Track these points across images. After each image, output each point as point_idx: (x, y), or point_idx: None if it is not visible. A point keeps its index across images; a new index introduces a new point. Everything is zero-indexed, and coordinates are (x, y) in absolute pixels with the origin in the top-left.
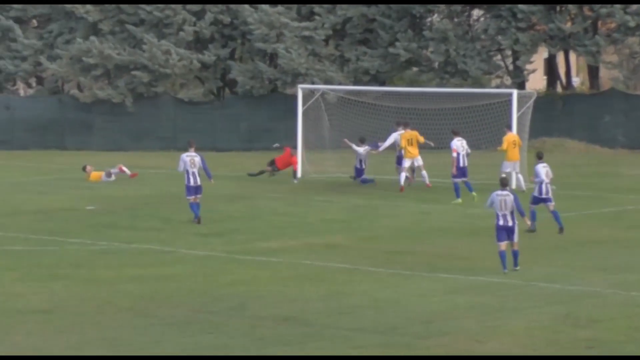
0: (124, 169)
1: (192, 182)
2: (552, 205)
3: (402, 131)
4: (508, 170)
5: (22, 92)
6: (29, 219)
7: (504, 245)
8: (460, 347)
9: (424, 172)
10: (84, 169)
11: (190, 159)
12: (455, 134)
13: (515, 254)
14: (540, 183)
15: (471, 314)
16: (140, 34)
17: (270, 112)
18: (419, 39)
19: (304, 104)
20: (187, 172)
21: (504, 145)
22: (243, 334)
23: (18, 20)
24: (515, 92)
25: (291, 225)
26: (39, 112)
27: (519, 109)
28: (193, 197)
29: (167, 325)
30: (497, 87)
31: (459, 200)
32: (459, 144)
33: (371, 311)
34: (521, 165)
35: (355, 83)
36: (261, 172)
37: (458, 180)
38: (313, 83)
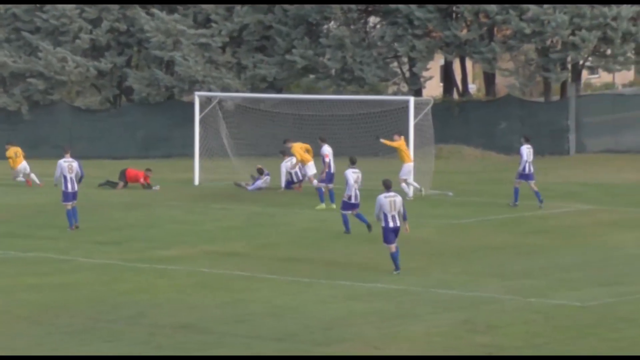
0: (35, 179)
1: (69, 188)
2: (357, 210)
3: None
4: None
5: None
6: None
7: (394, 246)
8: (359, 353)
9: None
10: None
11: (68, 164)
12: (323, 140)
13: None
14: (351, 188)
15: (370, 320)
16: (36, 41)
17: (167, 119)
18: (316, 46)
19: (201, 111)
20: (65, 177)
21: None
22: (142, 342)
23: None
24: (412, 99)
25: (189, 233)
26: None
27: (415, 116)
28: (70, 203)
29: (66, 334)
30: (394, 94)
31: (323, 205)
32: (330, 150)
33: (270, 318)
34: (422, 172)
35: (253, 90)
36: (110, 183)
37: (323, 185)
38: (210, 90)
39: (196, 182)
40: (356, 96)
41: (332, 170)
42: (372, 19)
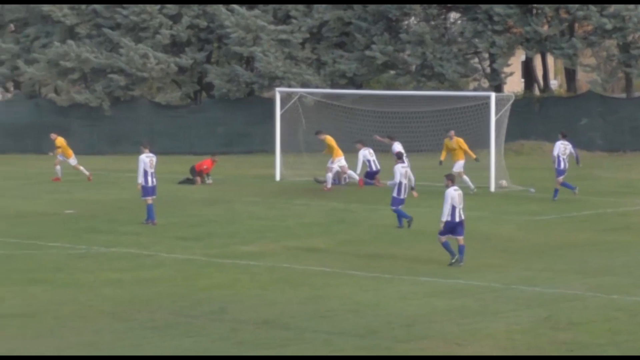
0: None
1: (149, 183)
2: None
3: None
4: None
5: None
6: (7, 223)
7: (445, 238)
8: (441, 351)
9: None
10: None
11: (150, 159)
12: (392, 138)
13: (463, 249)
14: (400, 184)
15: (451, 317)
16: (117, 37)
17: (247, 115)
18: (396, 42)
19: (281, 107)
20: (146, 172)
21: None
22: (223, 337)
23: None
24: (493, 95)
25: (270, 228)
26: (16, 116)
27: (496, 112)
28: (151, 197)
29: (148, 329)
30: (475, 90)
31: None
32: (401, 147)
33: (351, 314)
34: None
35: (332, 86)
36: (189, 180)
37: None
38: (290, 86)
39: (277, 178)
40: (436, 92)
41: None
42: (452, 15)
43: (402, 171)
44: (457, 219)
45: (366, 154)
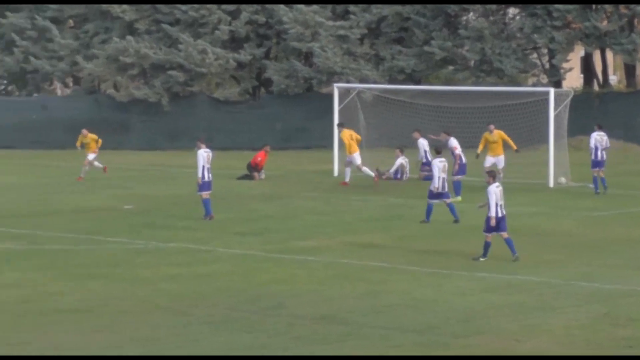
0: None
1: (206, 178)
2: (448, 200)
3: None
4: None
5: (59, 92)
6: (66, 218)
7: (491, 237)
8: (499, 347)
9: (365, 168)
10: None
11: (207, 154)
12: (448, 133)
13: (510, 242)
14: (438, 178)
15: (509, 312)
16: (176, 33)
17: (306, 111)
18: (454, 38)
19: (339, 102)
20: (203, 167)
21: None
22: (280, 333)
23: (55, 21)
24: (552, 91)
25: (328, 224)
26: (75, 111)
27: (555, 108)
28: (207, 192)
29: (205, 324)
30: (534, 85)
31: (459, 198)
32: (457, 142)
33: (409, 310)
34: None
35: (391, 82)
36: (247, 176)
37: (460, 177)
38: (348, 82)
39: (335, 173)
40: (495, 88)
41: (464, 160)
42: (511, 10)
43: (440, 166)
44: (500, 215)
45: (424, 143)
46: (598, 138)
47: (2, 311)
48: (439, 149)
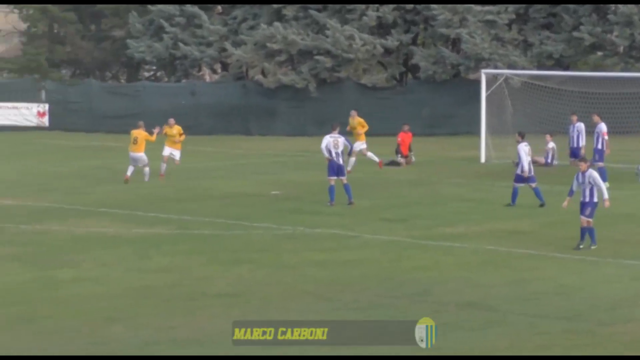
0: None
1: (333, 163)
2: (534, 184)
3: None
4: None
5: (207, 78)
6: (215, 203)
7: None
8: None
9: (370, 153)
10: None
11: (334, 140)
12: (599, 118)
13: (592, 232)
14: (527, 162)
15: None
16: (324, 19)
17: (453, 97)
18: (603, 23)
19: (487, 89)
20: (330, 152)
21: None
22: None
23: (203, 7)
24: None
25: (474, 210)
26: (223, 97)
27: None
28: (335, 177)
29: (351, 310)
30: None
31: (607, 183)
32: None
33: (555, 297)
34: None
35: (539, 68)
36: (393, 162)
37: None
38: (496, 68)
39: (482, 159)
40: None
41: (605, 148)
42: None
43: (526, 150)
44: (587, 199)
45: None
46: (526, 149)
47: (151, 295)
48: (522, 133)
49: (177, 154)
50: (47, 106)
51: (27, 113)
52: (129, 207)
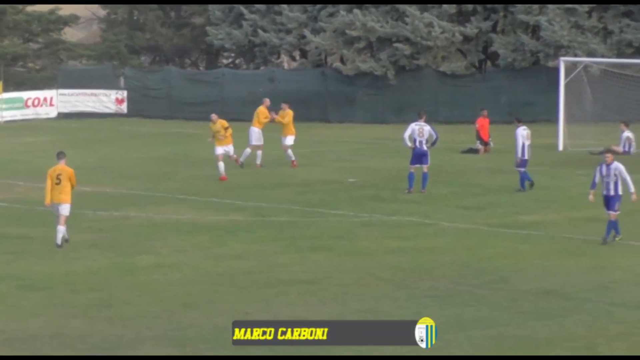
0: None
1: (417, 150)
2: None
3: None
4: None
5: (286, 65)
6: (292, 190)
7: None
8: None
9: (290, 152)
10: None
11: (419, 128)
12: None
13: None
14: (415, 142)
15: None
16: (403, 6)
17: (532, 84)
18: None
19: (566, 76)
20: (415, 140)
21: None
22: (504, 307)
23: None
24: None
25: (552, 198)
26: (302, 84)
27: None
28: (417, 165)
29: (428, 297)
30: None
31: None
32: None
33: (633, 286)
34: None
35: (619, 56)
36: (472, 150)
37: None
38: (575, 56)
39: (560, 147)
40: None
41: None
42: None
43: (523, 133)
44: (612, 192)
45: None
46: (524, 133)
47: (227, 282)
48: (519, 118)
49: (230, 149)
50: (125, 93)
51: (106, 100)
52: (206, 194)
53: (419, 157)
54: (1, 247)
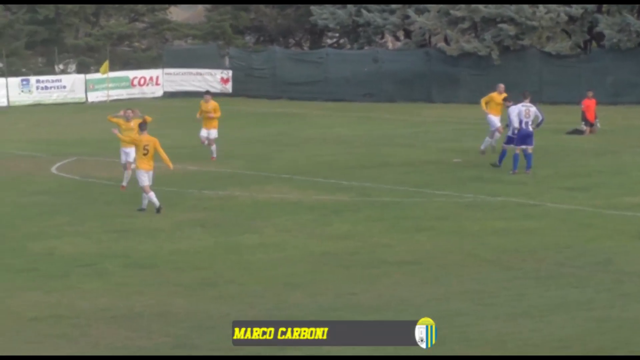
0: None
1: (523, 131)
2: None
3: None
4: None
5: (389, 45)
6: (396, 170)
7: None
8: None
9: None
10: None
11: (525, 109)
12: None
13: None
14: (520, 123)
15: None
16: None
17: (638, 65)
18: None
19: None
20: (521, 121)
21: None
22: (608, 289)
23: None
24: None
25: None
26: (406, 65)
27: None
28: (523, 146)
29: (531, 279)
30: None
31: None
32: None
33: None
34: None
35: None
36: (577, 131)
37: None
38: None
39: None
40: None
41: None
42: None
43: (521, 110)
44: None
45: None
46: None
47: (331, 262)
48: (525, 94)
49: (212, 133)
50: (230, 72)
51: (211, 79)
52: (309, 174)
53: (524, 137)
54: (107, 225)
